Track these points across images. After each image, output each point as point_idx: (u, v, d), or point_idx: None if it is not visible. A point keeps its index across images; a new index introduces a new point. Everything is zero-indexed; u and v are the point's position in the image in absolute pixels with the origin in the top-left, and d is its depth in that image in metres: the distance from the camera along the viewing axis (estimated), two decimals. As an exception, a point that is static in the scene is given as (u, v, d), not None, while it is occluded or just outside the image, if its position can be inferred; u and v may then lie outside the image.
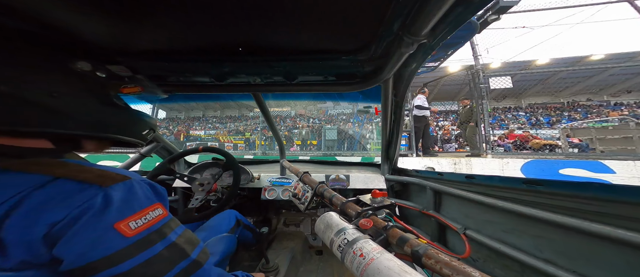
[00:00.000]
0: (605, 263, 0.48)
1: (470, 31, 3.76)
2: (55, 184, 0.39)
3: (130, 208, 0.41)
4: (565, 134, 6.69)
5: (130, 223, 0.40)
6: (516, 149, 6.49)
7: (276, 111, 17.70)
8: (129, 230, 0.39)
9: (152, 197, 0.47)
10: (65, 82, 0.48)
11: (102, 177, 0.42)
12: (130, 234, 0.39)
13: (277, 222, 2.01)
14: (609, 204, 0.47)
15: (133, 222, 0.40)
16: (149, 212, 0.43)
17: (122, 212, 0.40)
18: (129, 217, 0.40)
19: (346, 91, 1.03)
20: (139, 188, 0.45)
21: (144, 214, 0.42)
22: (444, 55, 4.79)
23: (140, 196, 0.44)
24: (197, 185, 1.25)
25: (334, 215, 0.62)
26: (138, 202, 0.43)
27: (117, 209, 0.40)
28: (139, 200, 0.43)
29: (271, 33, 0.67)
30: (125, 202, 0.41)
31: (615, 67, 7.74)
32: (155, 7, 0.53)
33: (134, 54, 0.76)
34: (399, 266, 0.39)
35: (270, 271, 1.26)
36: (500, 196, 0.72)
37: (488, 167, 4.59)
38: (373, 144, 9.29)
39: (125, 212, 0.40)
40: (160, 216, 0.45)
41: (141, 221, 0.41)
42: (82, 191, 0.39)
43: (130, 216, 0.40)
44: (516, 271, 0.67)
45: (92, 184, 0.40)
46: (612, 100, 17.11)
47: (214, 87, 1.03)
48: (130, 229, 0.39)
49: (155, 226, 0.43)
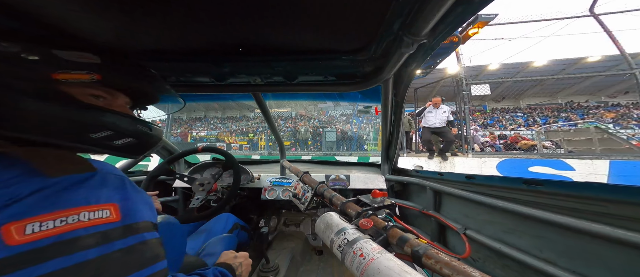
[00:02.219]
0: (605, 263, 0.48)
1: (454, 43, 4.06)
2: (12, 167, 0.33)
3: (52, 204, 0.33)
4: (539, 136, 7.50)
5: (27, 225, 0.31)
6: (506, 149, 7.32)
7: (277, 112, 17.70)
8: (17, 236, 0.30)
9: (109, 195, 0.38)
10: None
11: (62, 163, 0.37)
12: (16, 241, 0.29)
13: (277, 222, 2.01)
14: (609, 204, 0.48)
15: (33, 225, 0.31)
16: (80, 213, 0.34)
17: (29, 209, 0.31)
18: (33, 217, 0.31)
19: (346, 91, 1.04)
20: (97, 183, 0.38)
21: (63, 215, 0.33)
22: (433, 64, 5.07)
23: (84, 191, 0.36)
24: (197, 185, 1.25)
25: (334, 215, 0.62)
26: (71, 199, 0.35)
27: (29, 204, 0.32)
28: (76, 196, 0.35)
29: (271, 33, 0.66)
30: (50, 197, 0.33)
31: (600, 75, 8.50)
32: (154, 6, 0.53)
33: (134, 53, 0.76)
34: (399, 266, 0.39)
35: (270, 271, 1.26)
36: (500, 196, 0.72)
37: (468, 165, 5.49)
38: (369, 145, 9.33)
39: (35, 210, 0.32)
40: (97, 220, 0.35)
41: (49, 224, 0.32)
42: (28, 178, 0.33)
43: (37, 216, 0.31)
44: (516, 271, 0.67)
45: (38, 171, 0.34)
46: (609, 101, 17.19)
47: (214, 87, 1.03)
48: (21, 234, 0.30)
49: (70, 234, 0.33)
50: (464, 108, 6.29)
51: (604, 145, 6.33)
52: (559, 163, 4.91)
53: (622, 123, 11.79)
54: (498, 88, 17.12)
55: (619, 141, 6.32)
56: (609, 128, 7.30)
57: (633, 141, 6.29)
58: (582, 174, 4.69)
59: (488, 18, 5.72)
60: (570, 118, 14.21)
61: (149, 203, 0.45)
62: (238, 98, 10.65)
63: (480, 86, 6.94)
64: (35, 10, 0.52)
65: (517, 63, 13.61)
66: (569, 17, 9.36)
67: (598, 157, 4.86)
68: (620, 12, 8.74)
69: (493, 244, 0.72)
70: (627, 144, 6.20)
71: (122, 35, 0.66)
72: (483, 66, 13.88)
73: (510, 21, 9.83)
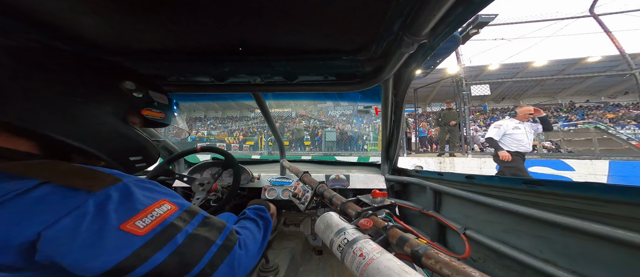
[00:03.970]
0: (605, 263, 0.48)
1: (454, 43, 4.02)
2: (39, 189, 0.37)
3: (131, 209, 0.40)
4: (539, 136, 7.47)
5: (136, 222, 0.39)
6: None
7: (277, 112, 17.69)
8: (138, 229, 0.39)
9: (154, 195, 0.46)
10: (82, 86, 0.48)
11: (92, 179, 0.40)
12: (141, 232, 0.39)
13: (277, 222, 2.01)
14: (609, 204, 0.48)
15: (139, 221, 0.39)
16: (155, 209, 0.43)
17: (123, 215, 0.39)
18: (133, 217, 0.39)
19: (346, 91, 1.04)
20: (136, 188, 0.44)
21: (149, 212, 0.41)
22: (433, 64, 5.03)
23: (138, 196, 0.43)
24: (197, 185, 1.25)
25: (334, 215, 0.62)
26: (139, 202, 0.42)
27: (116, 211, 0.38)
28: (138, 200, 0.42)
29: (271, 33, 0.66)
30: (122, 204, 0.40)
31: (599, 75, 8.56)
32: (155, 6, 0.53)
33: (134, 53, 0.76)
34: (399, 266, 0.38)
35: (270, 271, 1.26)
36: (500, 196, 0.72)
37: (468, 165, 5.34)
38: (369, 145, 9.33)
39: (128, 214, 0.39)
40: (170, 211, 0.44)
41: (148, 218, 0.41)
42: (67, 198, 0.37)
43: (134, 216, 0.40)
44: (516, 271, 0.67)
45: (79, 190, 0.38)
46: (610, 101, 17.21)
47: (214, 87, 1.03)
48: (139, 228, 0.39)
49: (167, 221, 0.43)
50: (464, 108, 6.31)
51: (604, 145, 6.34)
52: (558, 163, 4.91)
53: (622, 123, 11.81)
54: (498, 88, 17.14)
55: (618, 141, 6.33)
56: (609, 128, 7.31)
57: (633, 141, 6.30)
58: (582, 174, 4.69)
59: (488, 18, 5.73)
60: (570, 118, 14.23)
61: (176, 194, 0.52)
62: (238, 98, 10.61)
63: (480, 86, 6.99)
64: (35, 9, 0.52)
65: (517, 63, 13.64)
66: (568, 18, 9.40)
67: (598, 158, 4.87)
68: (620, 13, 8.75)
69: (493, 244, 0.72)
70: (626, 144, 6.21)
71: (123, 35, 0.66)
72: (483, 66, 13.91)
73: (510, 21, 9.85)
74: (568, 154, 5.85)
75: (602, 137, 6.52)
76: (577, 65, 13.35)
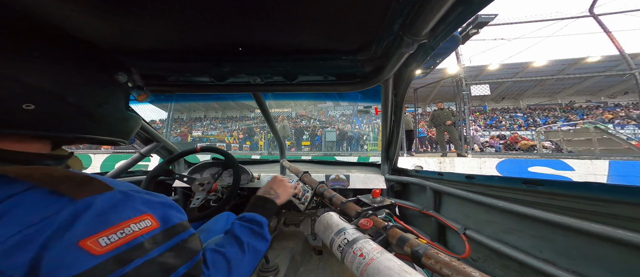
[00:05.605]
0: (605, 263, 0.48)
1: (454, 43, 4.02)
2: (26, 194, 0.36)
3: (104, 222, 0.38)
4: (539, 136, 7.54)
5: (100, 239, 0.36)
6: (506, 149, 7.30)
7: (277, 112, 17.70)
8: (96, 248, 0.35)
9: (142, 207, 0.43)
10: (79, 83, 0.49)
11: (80, 186, 0.39)
12: (98, 251, 0.35)
13: (277, 222, 2.01)
14: (609, 204, 0.48)
15: (104, 239, 0.36)
16: (130, 225, 0.40)
17: (92, 227, 0.36)
18: (100, 232, 0.36)
19: (346, 91, 1.04)
20: (124, 198, 0.42)
21: (120, 228, 0.38)
22: (433, 64, 5.02)
23: (121, 208, 0.41)
24: (197, 185, 1.25)
25: (334, 215, 0.62)
26: (116, 215, 0.39)
27: (86, 224, 0.36)
28: (119, 212, 0.40)
29: (271, 33, 0.66)
30: (98, 216, 0.38)
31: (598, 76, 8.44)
32: (155, 6, 0.53)
33: (134, 53, 0.76)
34: (399, 265, 0.39)
35: (270, 271, 1.26)
36: (500, 196, 0.72)
37: (468, 165, 5.31)
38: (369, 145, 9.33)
39: (97, 227, 0.37)
40: (147, 228, 0.41)
41: (116, 235, 0.37)
42: (48, 204, 0.36)
43: (103, 231, 0.37)
44: (516, 271, 0.67)
45: (63, 195, 0.37)
46: (609, 101, 17.22)
47: (214, 87, 1.03)
48: (99, 245, 0.35)
49: (135, 241, 0.39)
50: (464, 108, 6.30)
51: (604, 145, 6.33)
52: (558, 163, 4.90)
53: (622, 123, 11.82)
54: (498, 88, 17.14)
55: (618, 141, 6.32)
56: (609, 128, 7.31)
57: (633, 141, 6.30)
58: (582, 174, 4.69)
59: (488, 18, 5.74)
60: (569, 118, 14.24)
61: (172, 205, 0.49)
62: (238, 98, 10.60)
63: (480, 86, 6.97)
64: (35, 10, 0.52)
65: (517, 63, 13.64)
66: (568, 18, 9.39)
67: (597, 158, 4.86)
68: (620, 13, 8.75)
69: (493, 244, 0.72)
70: (626, 144, 6.20)
71: (123, 35, 0.66)
72: (483, 66, 13.91)
73: (510, 21, 9.86)
74: (568, 154, 5.83)
75: (602, 137, 6.51)
76: (576, 65, 13.35)
